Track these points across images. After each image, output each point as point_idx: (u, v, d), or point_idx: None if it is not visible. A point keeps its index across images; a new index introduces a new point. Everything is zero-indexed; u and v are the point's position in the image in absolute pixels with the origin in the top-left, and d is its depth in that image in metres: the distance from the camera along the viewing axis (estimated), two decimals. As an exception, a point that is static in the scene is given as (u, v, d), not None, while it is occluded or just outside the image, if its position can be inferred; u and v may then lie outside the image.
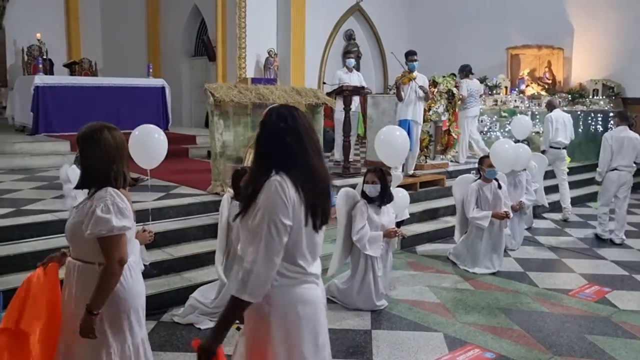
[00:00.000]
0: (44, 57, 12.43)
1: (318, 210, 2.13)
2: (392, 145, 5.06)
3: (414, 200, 7.43)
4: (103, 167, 2.54)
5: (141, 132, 4.73)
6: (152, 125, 4.87)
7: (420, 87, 7.69)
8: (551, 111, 8.29)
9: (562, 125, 8.08)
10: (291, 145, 2.11)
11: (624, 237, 6.95)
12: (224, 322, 2.11)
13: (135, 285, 2.62)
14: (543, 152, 8.06)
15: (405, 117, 7.71)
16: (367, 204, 4.75)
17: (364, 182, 4.72)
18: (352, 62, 9.33)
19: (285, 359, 2.14)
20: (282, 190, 2.04)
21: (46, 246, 4.68)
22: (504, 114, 11.13)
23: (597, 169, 7.14)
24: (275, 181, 2.05)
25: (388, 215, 4.85)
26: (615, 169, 6.91)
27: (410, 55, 7.83)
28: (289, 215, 2.04)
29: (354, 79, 9.10)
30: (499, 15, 13.37)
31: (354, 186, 5.16)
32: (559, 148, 8.10)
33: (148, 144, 4.70)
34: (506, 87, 12.65)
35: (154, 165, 4.83)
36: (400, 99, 7.75)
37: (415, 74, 7.74)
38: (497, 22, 13.36)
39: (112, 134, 2.61)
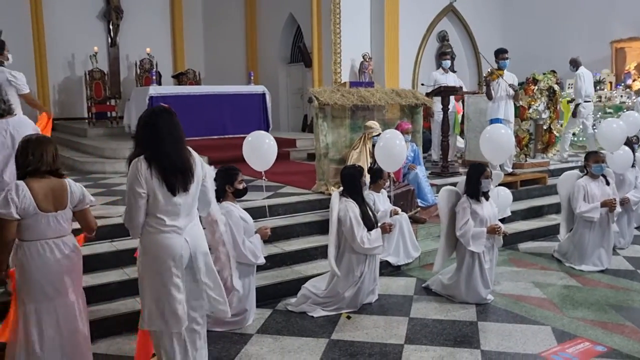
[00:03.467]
0: (156, 70, 13.40)
1: (171, 180, 2.95)
2: (498, 143, 5.12)
3: (515, 198, 7.37)
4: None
5: (254, 138, 5.07)
6: (263, 132, 5.23)
7: (510, 86, 7.63)
8: None
9: None
10: (148, 137, 2.96)
11: None
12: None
13: (32, 264, 3.17)
14: None
15: (496, 116, 7.68)
16: (470, 198, 4.84)
17: (483, 177, 4.79)
18: (447, 63, 9.37)
19: (150, 281, 3.08)
20: (137, 168, 2.93)
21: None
22: (609, 111, 10.70)
23: None
24: (134, 162, 2.95)
25: (491, 208, 4.92)
26: None
27: (500, 53, 7.79)
28: (142, 185, 2.92)
29: (450, 80, 9.15)
30: (602, 6, 12.82)
31: (454, 185, 5.26)
32: None
33: (260, 149, 5.03)
34: (611, 83, 12.13)
35: (267, 167, 5.15)
36: (490, 97, 7.73)
37: (504, 72, 7.70)
38: (599, 14, 12.83)
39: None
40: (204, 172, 3.16)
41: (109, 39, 14.86)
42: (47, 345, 3.20)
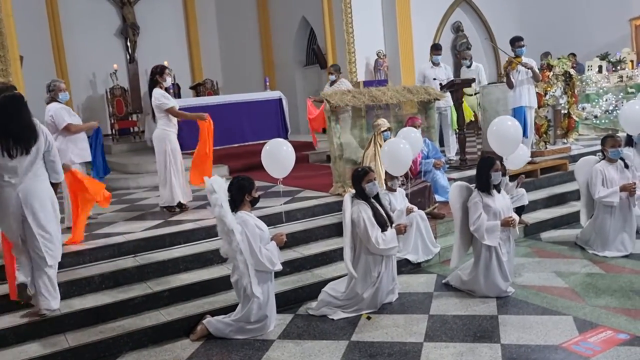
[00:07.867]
0: (174, 82, 13.61)
1: (8, 145, 4.08)
2: (505, 135, 5.10)
3: (535, 187, 7.35)
4: None
5: (271, 146, 5.18)
6: (281, 139, 5.34)
7: (525, 65, 7.48)
8: None
9: None
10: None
11: None
12: None
13: None
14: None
15: (519, 104, 7.59)
16: (481, 192, 4.82)
17: (493, 170, 4.77)
18: (437, 58, 9.13)
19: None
20: None
21: (193, 251, 5.30)
22: (630, 90, 10.49)
23: None
24: None
25: (504, 200, 4.89)
26: None
27: (516, 41, 7.70)
28: None
29: (440, 74, 8.99)
30: (618, -16, 12.60)
31: (471, 179, 5.25)
32: None
33: (278, 156, 5.13)
34: (632, 62, 11.87)
35: (285, 175, 5.25)
36: (510, 86, 7.65)
37: (522, 58, 7.62)
38: (616, -8, 12.61)
39: None
40: (47, 144, 4.25)
41: (128, 56, 15.17)
42: None
